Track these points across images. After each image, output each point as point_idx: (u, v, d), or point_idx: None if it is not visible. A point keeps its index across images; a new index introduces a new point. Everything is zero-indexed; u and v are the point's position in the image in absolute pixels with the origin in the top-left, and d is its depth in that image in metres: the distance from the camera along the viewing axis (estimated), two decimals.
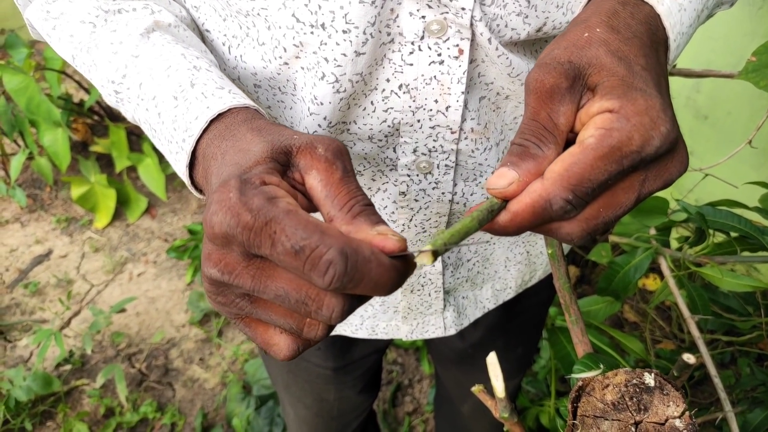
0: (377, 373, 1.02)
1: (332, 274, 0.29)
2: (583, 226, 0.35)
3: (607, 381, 0.40)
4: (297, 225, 0.30)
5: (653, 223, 0.94)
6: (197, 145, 0.41)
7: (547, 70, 0.36)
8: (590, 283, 1.96)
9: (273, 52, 0.49)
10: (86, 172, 2.28)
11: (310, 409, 0.97)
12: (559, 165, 0.34)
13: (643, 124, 0.33)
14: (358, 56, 0.46)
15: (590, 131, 0.34)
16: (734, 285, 0.90)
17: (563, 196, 0.33)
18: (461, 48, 0.47)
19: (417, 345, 1.85)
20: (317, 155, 0.35)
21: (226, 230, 0.31)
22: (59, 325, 1.97)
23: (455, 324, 0.75)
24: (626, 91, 0.34)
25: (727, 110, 1.62)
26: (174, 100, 0.43)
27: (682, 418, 0.38)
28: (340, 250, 0.29)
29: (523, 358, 1.00)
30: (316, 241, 0.29)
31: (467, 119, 0.52)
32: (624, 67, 0.35)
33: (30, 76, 1.84)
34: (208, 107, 0.41)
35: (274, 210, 0.30)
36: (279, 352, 0.36)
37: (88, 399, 1.77)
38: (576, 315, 0.51)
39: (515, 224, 0.35)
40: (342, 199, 0.34)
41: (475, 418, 1.12)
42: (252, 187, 0.32)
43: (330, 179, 0.35)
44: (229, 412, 1.70)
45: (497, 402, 0.51)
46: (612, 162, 0.33)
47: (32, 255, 2.22)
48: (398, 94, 0.49)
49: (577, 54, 0.36)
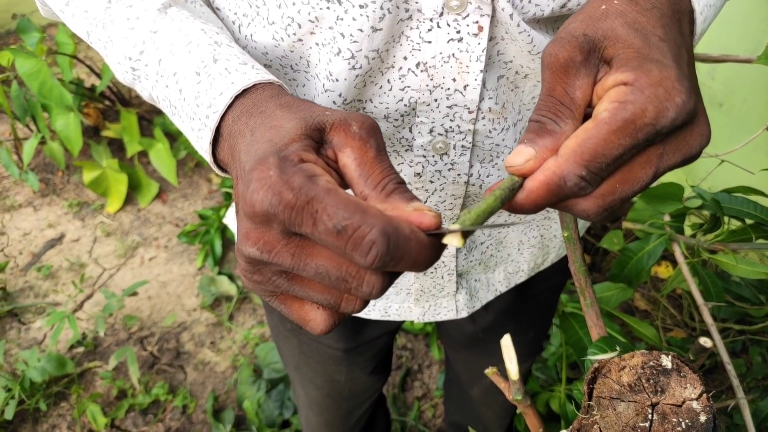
0: (388, 355, 1.02)
1: (375, 253, 0.29)
2: (599, 202, 0.35)
3: (623, 363, 0.40)
4: (338, 204, 0.30)
5: (667, 209, 0.93)
6: (221, 122, 0.40)
7: (562, 44, 0.35)
8: (601, 271, 1.95)
9: (285, 30, 0.48)
10: (98, 157, 2.29)
11: (321, 390, 0.97)
12: (573, 141, 0.33)
13: (657, 96, 0.32)
14: (375, 32, 0.45)
15: (604, 105, 0.33)
16: (748, 272, 0.90)
17: (577, 173, 0.33)
18: (481, 25, 0.46)
19: (427, 330, 1.85)
20: (351, 133, 0.35)
21: (268, 208, 0.31)
22: (72, 308, 1.99)
23: (467, 307, 0.75)
24: (641, 62, 0.33)
25: (743, 97, 1.60)
26: (197, 76, 0.42)
27: (699, 400, 0.38)
28: (382, 230, 0.29)
29: (533, 342, 1.00)
30: (358, 221, 0.29)
31: (485, 98, 0.51)
32: (640, 39, 0.35)
33: (42, 61, 1.84)
34: (233, 83, 0.40)
35: (315, 188, 0.30)
36: (316, 327, 0.36)
37: (100, 381, 1.79)
38: (591, 298, 0.51)
39: (531, 202, 0.35)
40: (376, 178, 0.34)
41: (484, 402, 1.13)
42: (291, 164, 0.31)
43: (364, 158, 0.35)
44: (239, 395, 1.71)
45: (511, 384, 0.51)
46: (626, 136, 0.32)
47: (45, 239, 2.24)
48: (415, 73, 0.49)
49: (592, 27, 0.36)
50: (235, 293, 2.00)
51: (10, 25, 3.24)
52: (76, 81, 2.33)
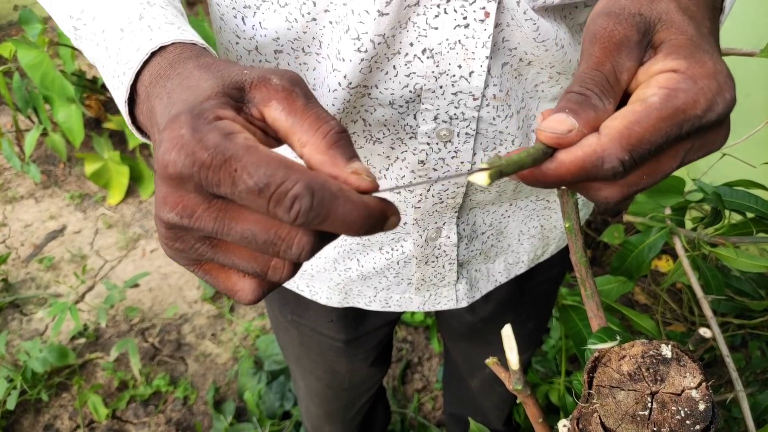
0: (388, 346, 1.02)
1: (298, 208, 0.28)
2: (624, 191, 0.34)
3: (623, 352, 0.41)
4: (259, 161, 0.28)
5: (668, 202, 0.93)
6: (138, 81, 0.38)
7: (618, 20, 0.34)
8: (602, 265, 1.95)
9: (300, 9, 0.47)
10: (99, 149, 2.29)
11: (322, 381, 0.98)
12: (619, 122, 0.31)
13: (711, 89, 0.31)
14: (381, 16, 0.45)
15: (653, 90, 0.32)
16: (749, 266, 0.90)
17: (619, 156, 0.31)
18: (487, 11, 0.45)
19: (427, 323, 1.86)
20: (273, 86, 0.33)
21: (182, 170, 0.29)
22: (74, 299, 1.99)
23: (467, 296, 0.75)
24: (694, 51, 0.32)
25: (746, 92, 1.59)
26: (120, 32, 0.40)
27: (698, 389, 0.38)
28: (306, 184, 0.28)
29: (533, 334, 1.01)
30: (281, 177, 0.28)
31: (489, 85, 0.51)
32: (693, 27, 0.34)
33: (44, 52, 1.84)
34: (151, 39, 0.38)
35: (232, 146, 0.28)
36: (244, 297, 0.34)
37: (102, 372, 1.80)
38: (591, 289, 0.51)
39: (558, 175, 0.33)
40: (313, 124, 0.32)
41: (483, 393, 1.13)
42: (205, 122, 0.29)
43: (293, 106, 0.32)
44: (240, 387, 1.72)
45: (511, 374, 0.51)
46: (674, 124, 0.31)
47: (46, 230, 2.24)
48: (421, 59, 0.48)
49: (647, 7, 0.34)
50: None
51: (12, 16, 3.24)
52: (77, 72, 2.33)
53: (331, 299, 0.76)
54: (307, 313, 0.84)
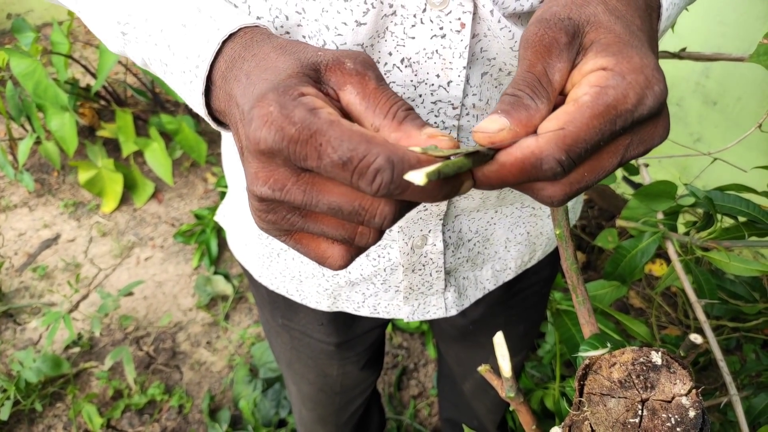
0: (380, 348, 1.02)
1: (380, 181, 0.29)
2: (566, 189, 0.34)
3: (614, 359, 0.41)
4: (342, 135, 0.30)
5: (661, 207, 0.93)
6: (212, 70, 0.39)
7: (548, 25, 0.35)
8: (596, 269, 1.96)
9: (273, 23, 0.48)
10: (93, 157, 2.29)
11: (314, 385, 0.98)
12: (554, 123, 0.32)
13: (638, 82, 0.32)
14: (359, 26, 0.45)
15: (584, 89, 0.33)
16: (742, 270, 0.90)
17: (556, 156, 0.32)
18: (463, 22, 0.46)
19: (422, 329, 1.86)
20: (347, 70, 0.34)
21: (272, 145, 0.30)
22: (68, 308, 1.98)
23: (456, 305, 0.76)
24: (622, 48, 0.33)
25: (737, 96, 1.60)
26: (183, 28, 0.41)
27: (688, 395, 0.38)
28: (386, 157, 0.29)
29: (525, 336, 1.01)
30: (363, 151, 0.29)
31: (469, 95, 0.52)
32: (621, 26, 0.35)
33: (37, 61, 1.84)
34: (218, 29, 0.39)
35: (317, 121, 0.30)
36: (334, 263, 0.36)
37: (96, 381, 1.79)
38: (583, 296, 0.51)
39: (500, 176, 0.33)
40: (384, 107, 0.34)
41: (476, 396, 1.13)
42: (291, 98, 0.31)
43: (366, 90, 0.34)
44: (236, 395, 1.71)
45: (504, 382, 0.51)
46: (607, 121, 0.32)
47: (40, 239, 2.23)
48: (400, 68, 0.49)
49: (576, 11, 0.36)
50: (231, 293, 2.00)
51: (5, 24, 3.23)
52: (71, 81, 2.32)
53: (320, 303, 0.76)
54: (297, 316, 0.84)
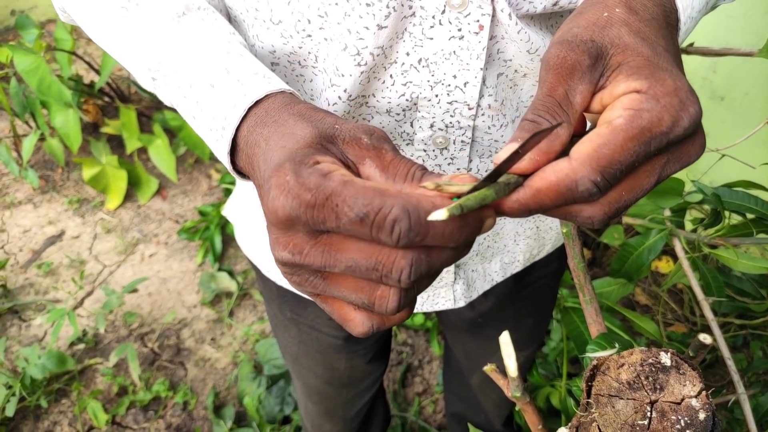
0: (387, 343, 1.03)
1: (398, 230, 0.30)
2: (605, 209, 0.34)
3: (622, 360, 0.40)
4: (356, 193, 0.30)
5: (668, 204, 0.93)
6: (237, 133, 0.41)
7: (570, 47, 0.35)
8: (602, 266, 1.95)
9: (295, 27, 0.49)
10: (97, 154, 2.29)
11: (321, 378, 0.98)
12: (587, 145, 0.33)
13: (673, 105, 0.32)
14: (380, 29, 0.46)
15: (617, 111, 0.33)
16: (749, 267, 0.89)
17: (591, 178, 0.32)
18: (481, 24, 0.46)
19: (427, 326, 1.85)
20: (365, 144, 0.35)
21: (290, 212, 0.31)
22: (72, 305, 1.99)
23: (464, 296, 0.76)
24: (653, 71, 0.33)
25: (745, 91, 1.59)
26: (211, 88, 0.42)
27: (698, 397, 0.37)
28: (402, 207, 0.30)
29: (534, 329, 1.01)
30: (378, 204, 0.30)
31: (485, 95, 0.52)
32: (648, 47, 0.35)
33: (41, 57, 1.83)
34: (245, 95, 0.40)
35: (331, 184, 0.31)
36: (354, 328, 0.36)
37: (101, 377, 1.79)
38: (590, 295, 0.51)
39: (536, 202, 0.34)
40: (402, 173, 0.34)
41: (483, 390, 1.13)
42: (306, 166, 0.32)
43: (384, 163, 0.35)
44: (240, 391, 1.71)
45: (509, 381, 0.51)
46: (641, 143, 0.32)
47: (45, 236, 2.24)
48: (417, 69, 0.49)
49: (599, 33, 0.35)
50: (236, 289, 2.00)
51: (9, 21, 3.23)
52: (75, 77, 2.32)
53: None
54: (305, 311, 0.85)
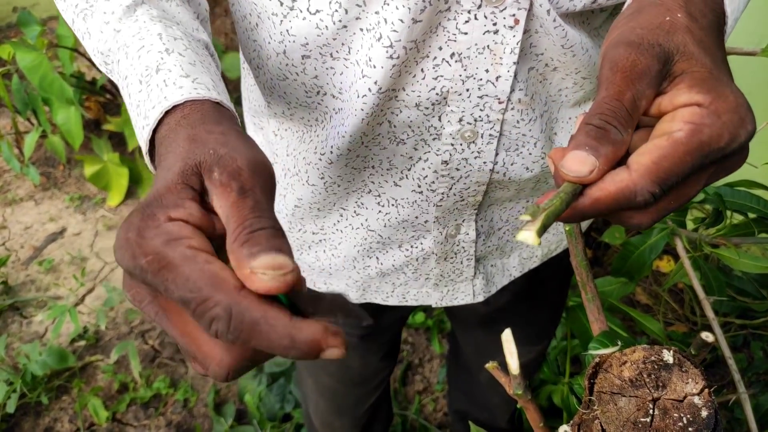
0: (397, 339, 1.04)
1: (215, 328, 0.29)
2: (654, 216, 0.35)
3: (624, 358, 0.40)
4: (190, 275, 0.29)
5: None
6: (155, 134, 0.40)
7: (640, 50, 0.35)
8: (603, 265, 1.95)
9: (332, 17, 0.48)
10: (99, 151, 2.29)
11: (333, 376, 0.99)
12: (647, 157, 0.33)
13: (733, 122, 0.33)
14: (415, 23, 0.46)
15: (678, 124, 0.33)
16: (751, 266, 0.89)
17: (650, 189, 0.33)
18: (517, 18, 0.46)
19: (427, 324, 1.85)
20: (214, 180, 0.33)
21: (127, 268, 0.31)
22: (73, 302, 1.99)
23: (483, 291, 0.77)
24: (715, 85, 0.33)
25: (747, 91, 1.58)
26: (139, 84, 0.42)
27: (701, 395, 0.37)
28: (225, 307, 0.29)
29: (546, 324, 1.01)
30: (204, 295, 0.29)
31: (515, 90, 0.52)
32: (710, 59, 0.35)
33: (43, 54, 1.83)
34: (166, 98, 0.39)
35: (170, 255, 0.30)
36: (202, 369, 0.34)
37: (102, 374, 1.79)
38: (592, 292, 0.51)
39: (595, 210, 0.34)
40: (233, 225, 0.32)
41: (492, 387, 1.13)
42: (153, 226, 0.31)
43: (226, 203, 0.33)
44: (241, 389, 1.72)
45: (511, 379, 0.51)
46: (700, 158, 0.33)
47: (46, 232, 2.24)
48: (449, 63, 0.49)
49: (665, 38, 0.35)
50: None
51: (11, 18, 3.23)
52: (76, 74, 2.32)
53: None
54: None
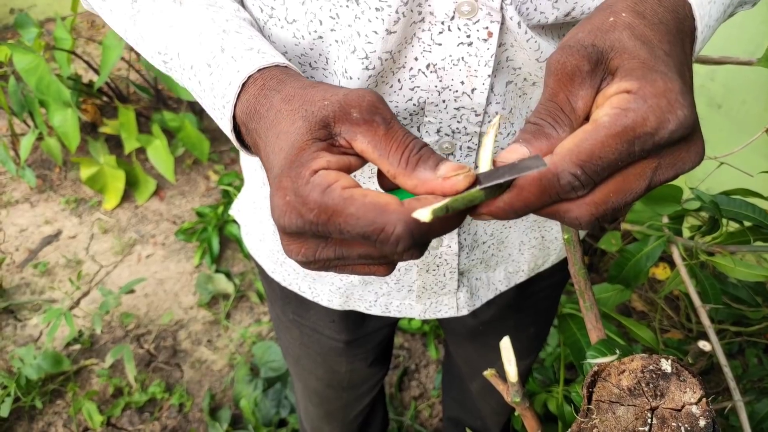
0: (388, 347, 1.03)
1: (403, 246, 0.32)
2: (591, 210, 0.35)
3: (623, 366, 0.40)
4: (356, 212, 0.32)
5: (666, 211, 0.93)
6: (236, 109, 0.42)
7: (570, 52, 0.36)
8: (599, 272, 1.95)
9: (307, 27, 0.49)
10: (95, 153, 2.28)
11: (322, 381, 0.98)
12: (569, 141, 0.33)
13: (660, 106, 0.32)
14: (389, 35, 0.46)
15: (605, 110, 0.33)
16: (746, 274, 0.90)
17: (571, 171, 0.33)
18: (490, 31, 0.47)
19: (424, 330, 1.85)
20: (354, 120, 0.36)
21: (296, 229, 0.34)
22: (69, 305, 1.98)
23: (467, 305, 0.76)
24: (646, 72, 0.33)
25: (742, 99, 1.60)
26: (208, 67, 0.44)
27: (698, 404, 0.38)
28: (404, 226, 0.32)
29: (535, 338, 1.01)
30: (380, 224, 0.32)
31: (492, 103, 0.52)
32: (646, 51, 0.35)
33: (40, 56, 1.83)
34: (239, 71, 0.42)
35: (331, 201, 0.33)
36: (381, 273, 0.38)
37: (97, 378, 1.78)
38: (590, 301, 0.51)
39: (521, 200, 0.34)
40: (396, 154, 0.35)
41: (482, 396, 1.13)
42: (304, 183, 0.34)
43: (376, 138, 0.36)
44: (236, 394, 1.71)
45: (509, 386, 0.51)
46: (624, 142, 0.32)
47: (42, 235, 2.23)
48: (425, 74, 0.50)
49: (600, 38, 0.36)
50: (233, 291, 2.00)
51: (8, 20, 3.23)
52: (73, 77, 2.32)
53: (332, 302, 0.77)
54: (308, 313, 0.85)
